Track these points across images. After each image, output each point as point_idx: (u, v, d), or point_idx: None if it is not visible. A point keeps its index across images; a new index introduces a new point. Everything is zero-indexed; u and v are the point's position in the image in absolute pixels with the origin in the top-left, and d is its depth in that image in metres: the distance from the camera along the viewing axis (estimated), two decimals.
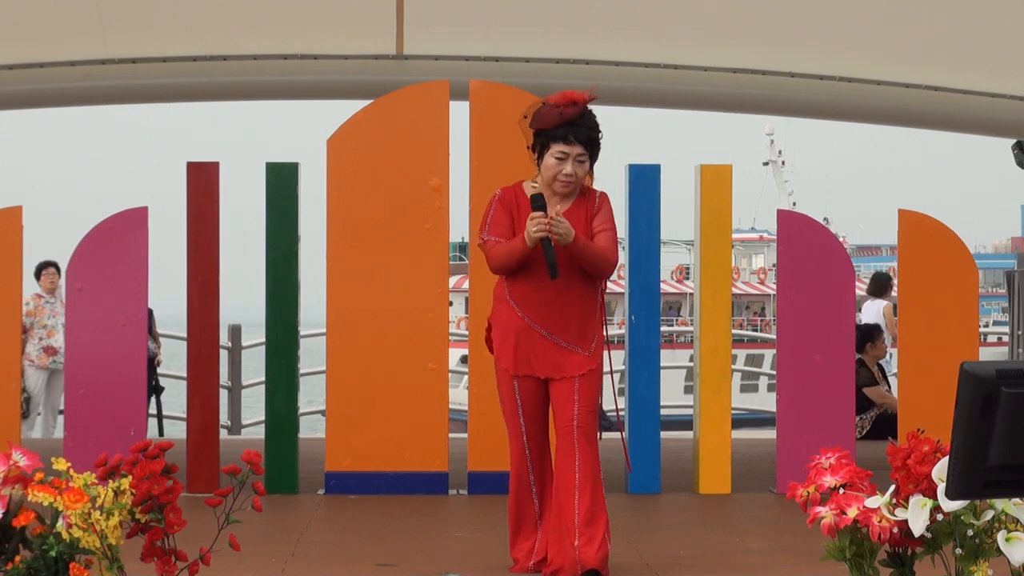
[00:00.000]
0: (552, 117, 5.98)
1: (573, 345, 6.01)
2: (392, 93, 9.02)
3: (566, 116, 5.97)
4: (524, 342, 6.02)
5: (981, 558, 4.65)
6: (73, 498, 4.53)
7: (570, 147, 5.98)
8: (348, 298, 8.82)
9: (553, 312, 5.99)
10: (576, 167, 6.00)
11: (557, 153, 5.99)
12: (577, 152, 5.98)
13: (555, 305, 5.99)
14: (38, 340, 13.13)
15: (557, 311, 5.99)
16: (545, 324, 5.99)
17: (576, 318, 6.02)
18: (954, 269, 9.17)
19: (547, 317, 5.99)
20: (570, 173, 5.99)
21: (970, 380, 3.67)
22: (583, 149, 5.99)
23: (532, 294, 5.99)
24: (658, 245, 8.95)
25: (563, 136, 5.97)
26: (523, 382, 6.05)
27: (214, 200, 8.87)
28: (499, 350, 6.11)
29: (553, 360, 6.02)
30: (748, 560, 6.74)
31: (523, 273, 6.00)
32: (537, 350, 6.01)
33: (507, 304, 6.06)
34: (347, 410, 8.76)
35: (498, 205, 6.08)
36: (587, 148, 6.01)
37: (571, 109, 5.97)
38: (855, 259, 58.13)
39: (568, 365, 6.01)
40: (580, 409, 5.99)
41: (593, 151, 6.05)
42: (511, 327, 6.04)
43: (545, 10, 10.88)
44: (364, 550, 6.99)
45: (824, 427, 8.74)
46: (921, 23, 10.89)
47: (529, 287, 6.00)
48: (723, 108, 12.18)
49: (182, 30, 10.91)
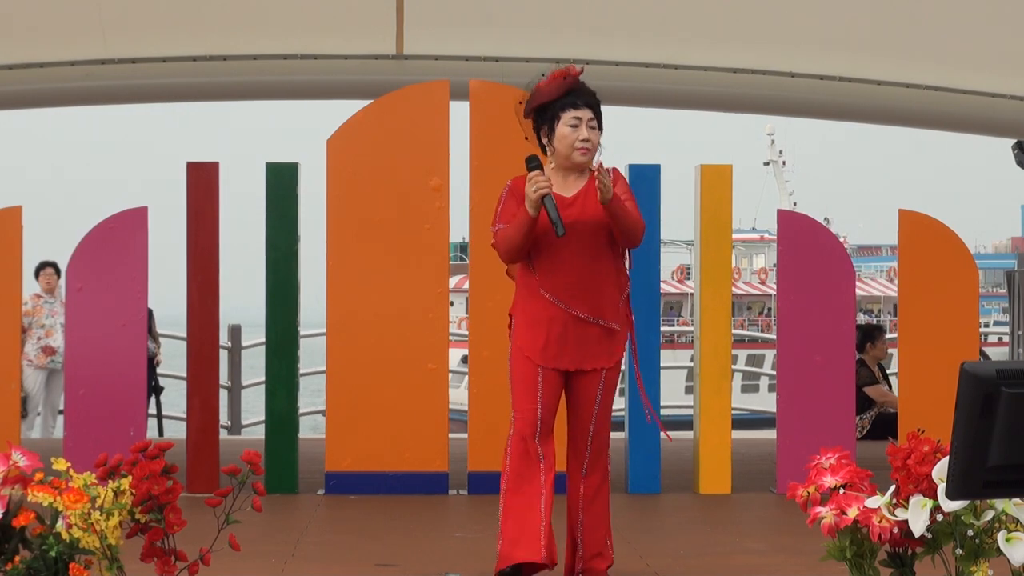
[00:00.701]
0: (553, 89, 5.88)
1: (604, 320, 5.87)
2: (392, 93, 9.02)
3: (568, 84, 5.89)
4: (556, 331, 5.85)
5: (981, 558, 4.65)
6: (73, 498, 4.53)
7: (580, 112, 5.86)
8: (348, 298, 8.82)
9: (583, 291, 5.84)
10: (591, 132, 5.88)
11: (570, 120, 5.86)
12: (588, 116, 5.87)
13: (582, 283, 5.84)
14: (36, 340, 13.14)
15: (585, 289, 5.84)
16: (578, 305, 5.83)
17: (605, 296, 5.88)
18: (954, 269, 9.17)
19: (579, 297, 5.83)
20: (587, 138, 5.86)
21: (970, 380, 3.67)
22: (593, 113, 5.89)
23: (561, 278, 5.84)
24: (658, 245, 8.95)
25: (571, 103, 5.87)
26: (548, 372, 5.88)
27: (214, 200, 8.87)
28: (524, 340, 5.89)
29: (583, 348, 5.86)
30: (748, 560, 6.74)
31: (547, 260, 5.85)
32: (569, 338, 5.85)
33: (538, 295, 5.89)
34: (347, 410, 8.76)
35: (508, 195, 5.93)
36: (597, 112, 5.90)
37: (570, 79, 5.91)
38: (855, 259, 58.16)
39: (597, 352, 5.88)
40: (598, 423, 5.91)
41: (599, 116, 5.94)
42: (541, 317, 5.86)
43: (545, 10, 10.88)
44: (364, 550, 6.99)
45: (824, 427, 8.74)
46: (921, 23, 10.88)
47: (554, 270, 5.85)
48: (723, 108, 12.17)
49: (182, 30, 10.91)
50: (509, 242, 5.85)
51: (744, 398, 29.55)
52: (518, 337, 5.93)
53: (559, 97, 5.89)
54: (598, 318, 5.88)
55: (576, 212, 5.85)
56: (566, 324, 5.86)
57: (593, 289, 5.87)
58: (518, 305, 5.98)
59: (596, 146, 5.92)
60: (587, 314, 5.86)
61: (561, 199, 5.86)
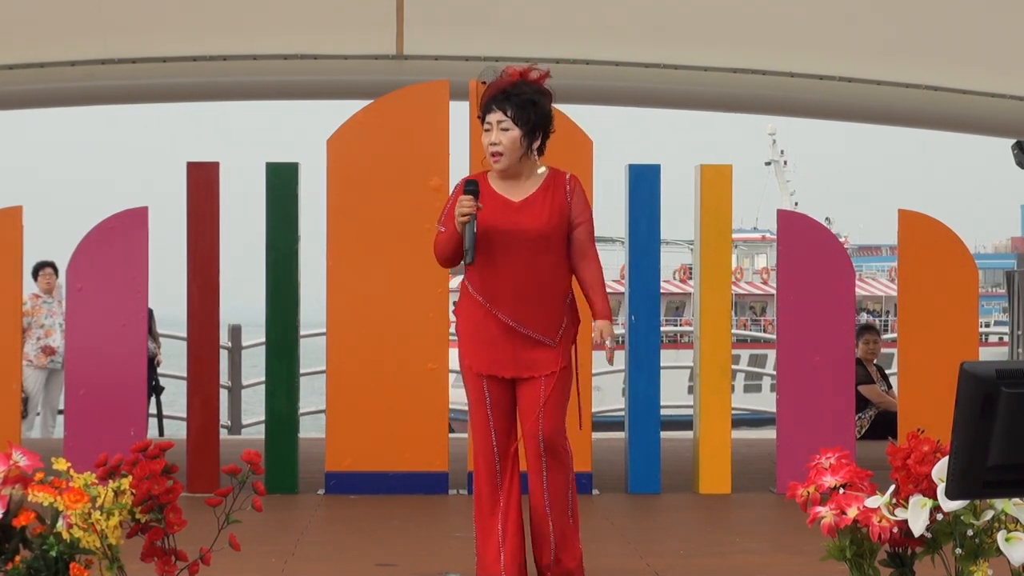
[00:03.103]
0: (482, 97, 5.81)
1: (540, 335, 5.74)
2: (392, 93, 9.02)
3: (487, 92, 5.79)
4: (488, 336, 5.75)
5: (981, 558, 4.66)
6: (73, 498, 4.53)
7: (492, 115, 5.75)
8: (348, 298, 8.82)
9: (519, 301, 5.71)
10: (500, 135, 5.72)
11: (484, 127, 5.78)
12: (498, 119, 5.73)
13: (521, 294, 5.71)
14: (36, 340, 13.14)
15: (523, 300, 5.71)
16: (509, 312, 5.71)
17: (544, 308, 5.74)
18: (954, 269, 9.17)
19: (513, 306, 5.71)
20: (493, 142, 5.73)
21: (970, 380, 3.67)
22: (504, 115, 5.72)
23: (496, 283, 5.72)
24: (658, 245, 8.95)
25: (487, 108, 5.77)
26: (490, 381, 5.80)
27: (214, 200, 8.87)
28: (463, 346, 5.83)
29: (519, 356, 5.75)
30: (748, 560, 6.74)
31: (487, 262, 5.72)
32: (501, 344, 5.74)
33: (469, 295, 5.80)
34: (347, 410, 8.77)
35: (456, 195, 5.82)
36: (515, 112, 5.71)
37: (495, 85, 5.77)
38: (856, 259, 58.13)
39: (535, 362, 5.75)
40: (545, 422, 5.74)
41: (522, 115, 5.72)
42: (474, 320, 5.78)
43: (545, 10, 10.87)
44: (364, 550, 6.99)
45: (824, 427, 8.74)
46: (921, 23, 10.88)
47: (493, 276, 5.73)
48: (723, 108, 12.17)
49: (182, 30, 10.90)
50: (439, 248, 5.84)
51: (747, 398, 29.55)
52: (461, 343, 5.86)
53: (482, 106, 5.81)
54: (529, 330, 5.75)
55: (521, 219, 5.75)
56: (498, 329, 5.75)
57: (525, 298, 5.73)
58: (460, 305, 5.91)
59: (511, 149, 5.74)
60: (516, 323, 5.74)
61: (507, 204, 5.76)
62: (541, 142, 5.83)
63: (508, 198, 5.78)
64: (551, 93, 5.86)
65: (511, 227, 5.73)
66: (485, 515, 5.86)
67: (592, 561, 6.06)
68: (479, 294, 5.78)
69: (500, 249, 5.71)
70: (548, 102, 5.83)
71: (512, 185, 5.81)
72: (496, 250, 5.72)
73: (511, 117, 5.72)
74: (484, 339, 5.78)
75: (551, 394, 5.76)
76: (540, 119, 5.78)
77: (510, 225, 5.73)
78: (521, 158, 5.78)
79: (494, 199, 5.77)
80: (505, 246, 5.71)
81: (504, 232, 5.72)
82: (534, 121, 5.76)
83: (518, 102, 5.72)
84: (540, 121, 5.78)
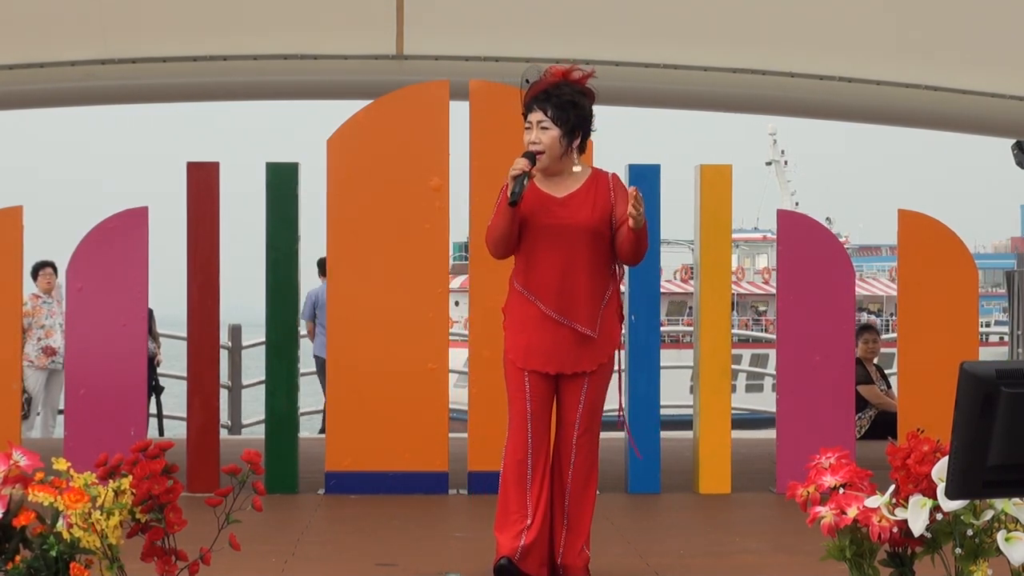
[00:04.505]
0: (525, 96, 5.91)
1: (577, 324, 5.84)
2: (392, 93, 9.02)
3: (530, 91, 5.89)
4: (536, 334, 5.87)
5: (981, 558, 4.66)
6: (73, 498, 4.53)
7: (533, 115, 5.88)
8: (348, 298, 8.82)
9: (562, 293, 5.83)
10: (540, 133, 5.85)
11: (526, 126, 5.90)
12: (539, 118, 5.85)
13: (563, 286, 5.83)
14: (36, 340, 13.13)
15: (565, 293, 5.83)
16: (552, 304, 5.83)
17: (585, 301, 5.85)
18: (954, 269, 9.17)
19: (554, 297, 5.83)
20: (534, 140, 5.85)
21: (970, 380, 3.67)
22: (544, 115, 5.84)
23: (539, 275, 5.85)
24: (658, 245, 8.95)
25: (529, 108, 5.90)
26: (533, 377, 5.91)
27: (214, 200, 8.87)
28: (510, 341, 5.96)
29: (565, 352, 5.86)
30: (748, 560, 6.75)
31: (530, 255, 5.87)
32: (548, 342, 5.86)
33: (515, 290, 5.94)
34: (347, 410, 8.77)
35: (503, 191, 5.91)
36: (555, 112, 5.84)
37: (537, 84, 5.88)
38: (856, 259, 58.14)
39: (580, 357, 5.88)
40: (583, 416, 5.90)
41: (561, 115, 5.85)
42: (522, 314, 5.91)
43: (545, 10, 10.87)
44: (364, 550, 6.99)
45: (824, 427, 8.74)
46: (921, 23, 10.88)
47: (535, 269, 5.86)
48: (723, 108, 12.16)
49: (182, 30, 10.90)
50: (491, 232, 5.90)
51: (748, 398, 29.51)
52: (506, 338, 6.00)
53: (525, 104, 5.92)
54: (571, 321, 5.86)
55: (565, 214, 5.87)
56: (543, 323, 5.86)
57: (567, 292, 5.85)
58: (507, 302, 6.03)
59: (553, 148, 5.86)
60: (560, 315, 5.85)
61: (551, 199, 5.88)
62: (581, 141, 5.96)
63: (551, 194, 5.90)
64: (593, 93, 5.99)
65: (554, 222, 5.86)
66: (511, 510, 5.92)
67: (592, 561, 6.06)
68: (523, 287, 5.92)
69: (543, 243, 5.86)
70: (589, 103, 5.96)
71: (555, 182, 5.93)
72: (539, 244, 5.86)
73: (551, 117, 5.86)
74: (527, 333, 5.90)
75: (589, 397, 5.92)
76: (580, 119, 5.92)
77: (553, 220, 5.86)
78: (561, 157, 5.91)
79: (537, 195, 5.90)
80: (548, 240, 5.85)
81: (547, 227, 5.86)
82: (573, 121, 5.89)
83: (558, 103, 5.86)
84: (579, 121, 5.92)
